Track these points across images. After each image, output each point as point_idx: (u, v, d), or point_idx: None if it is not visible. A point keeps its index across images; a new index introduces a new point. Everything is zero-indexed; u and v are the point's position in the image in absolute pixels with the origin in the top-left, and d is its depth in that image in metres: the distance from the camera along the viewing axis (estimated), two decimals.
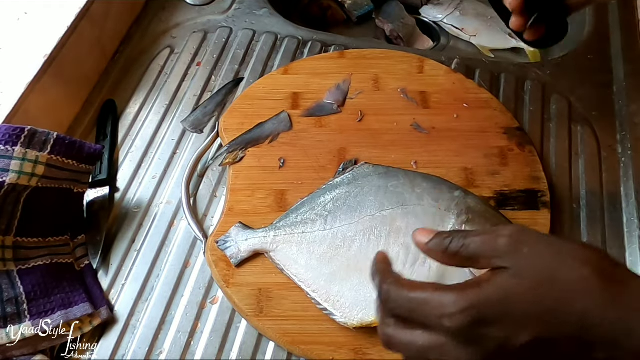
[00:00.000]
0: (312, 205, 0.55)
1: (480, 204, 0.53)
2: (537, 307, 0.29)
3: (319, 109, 0.64)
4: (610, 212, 0.59)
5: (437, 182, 0.55)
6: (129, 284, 0.54)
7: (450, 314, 0.30)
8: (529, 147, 0.61)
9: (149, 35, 0.74)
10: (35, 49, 0.59)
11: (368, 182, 0.55)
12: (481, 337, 0.30)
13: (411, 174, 0.56)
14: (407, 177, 0.55)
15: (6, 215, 0.50)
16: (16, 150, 0.49)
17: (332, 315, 0.49)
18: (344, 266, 0.51)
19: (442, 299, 0.30)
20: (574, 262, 0.30)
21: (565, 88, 0.69)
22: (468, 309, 0.30)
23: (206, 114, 0.66)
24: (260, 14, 0.76)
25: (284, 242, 0.53)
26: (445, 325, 0.30)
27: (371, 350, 0.49)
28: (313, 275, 0.51)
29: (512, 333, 0.29)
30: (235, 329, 0.52)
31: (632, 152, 0.63)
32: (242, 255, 0.53)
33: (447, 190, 0.54)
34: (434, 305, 0.31)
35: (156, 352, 0.50)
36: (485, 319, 0.30)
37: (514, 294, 0.30)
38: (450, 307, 0.30)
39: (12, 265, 0.50)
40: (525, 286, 0.30)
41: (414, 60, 0.68)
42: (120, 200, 0.59)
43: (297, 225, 0.53)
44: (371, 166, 0.57)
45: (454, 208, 0.52)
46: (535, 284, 0.30)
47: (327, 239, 0.52)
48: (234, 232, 0.54)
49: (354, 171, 0.57)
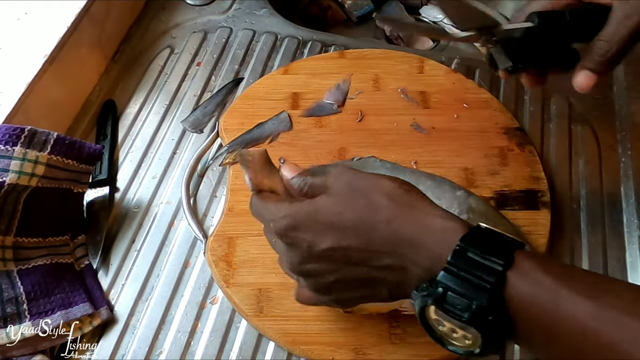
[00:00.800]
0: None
1: (482, 204, 0.53)
2: (337, 220, 0.37)
3: (319, 109, 0.64)
4: (610, 212, 0.59)
5: (441, 182, 0.55)
6: (129, 284, 0.54)
7: (274, 219, 0.39)
8: (529, 147, 0.61)
9: (149, 35, 0.74)
10: (35, 49, 0.59)
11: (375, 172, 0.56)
12: (296, 239, 0.38)
13: (417, 172, 0.57)
14: (412, 175, 0.56)
15: (6, 215, 0.50)
16: (16, 150, 0.49)
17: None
18: None
19: (274, 208, 0.40)
20: (373, 190, 0.37)
21: (565, 88, 0.69)
22: (286, 216, 0.38)
23: (206, 114, 0.66)
24: (260, 14, 0.76)
25: None
26: (271, 227, 0.39)
27: (371, 350, 0.49)
28: None
29: (316, 238, 0.37)
30: (235, 329, 0.52)
31: (632, 152, 0.63)
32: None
33: (450, 189, 0.54)
34: (269, 211, 0.40)
35: (156, 352, 0.50)
36: (296, 225, 0.38)
37: (322, 207, 0.37)
38: (275, 214, 0.39)
39: (12, 265, 0.50)
40: (331, 204, 0.37)
41: (414, 60, 0.68)
42: (120, 200, 0.59)
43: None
44: (378, 160, 0.57)
45: (455, 207, 0.52)
46: (339, 203, 0.37)
47: None
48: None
49: (362, 160, 0.57)
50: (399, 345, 0.49)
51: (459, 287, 0.32)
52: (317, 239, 0.37)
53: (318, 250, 0.37)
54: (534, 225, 0.56)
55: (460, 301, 0.32)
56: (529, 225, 0.55)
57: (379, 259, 0.37)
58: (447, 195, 0.53)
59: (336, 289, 0.40)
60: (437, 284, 0.33)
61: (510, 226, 0.53)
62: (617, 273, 0.55)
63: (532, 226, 0.56)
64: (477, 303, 0.32)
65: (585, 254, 0.56)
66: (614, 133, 0.65)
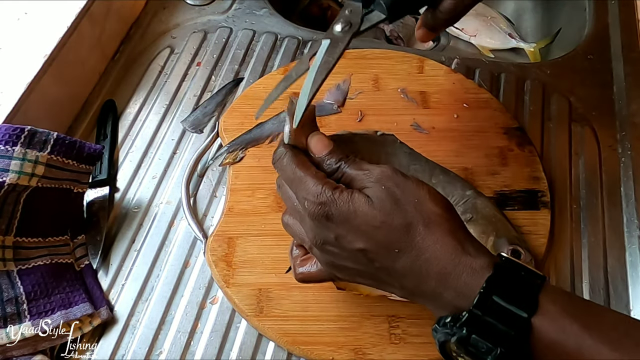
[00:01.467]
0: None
1: (488, 207, 0.53)
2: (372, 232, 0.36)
3: (319, 109, 0.64)
4: (610, 212, 0.59)
5: (453, 178, 0.55)
6: (129, 284, 0.54)
7: (310, 200, 0.38)
8: (529, 147, 0.61)
9: (149, 35, 0.74)
10: (35, 49, 0.59)
11: (395, 155, 0.55)
12: (326, 227, 0.38)
13: (432, 162, 0.57)
14: (427, 165, 0.56)
15: (6, 215, 0.50)
16: (16, 150, 0.49)
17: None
18: None
19: (312, 187, 0.38)
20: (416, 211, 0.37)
21: (565, 88, 0.69)
22: (322, 203, 0.37)
23: (206, 114, 0.66)
24: (260, 14, 0.76)
25: None
26: (304, 206, 0.38)
27: (371, 350, 0.49)
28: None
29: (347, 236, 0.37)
30: (235, 329, 0.52)
31: (632, 152, 0.63)
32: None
33: (460, 187, 0.54)
34: (304, 187, 0.38)
35: (156, 352, 0.50)
36: (332, 216, 0.37)
37: (361, 213, 0.37)
38: (311, 196, 0.38)
39: (12, 265, 0.50)
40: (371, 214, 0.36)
41: (414, 60, 0.68)
42: (120, 200, 0.59)
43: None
44: (399, 141, 0.57)
45: (461, 205, 0.52)
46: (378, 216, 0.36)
47: None
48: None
49: (384, 137, 0.56)
50: (398, 345, 0.49)
51: (483, 332, 0.33)
52: (349, 237, 0.37)
53: (346, 245, 0.37)
54: (534, 225, 0.56)
55: (484, 345, 0.33)
56: (529, 225, 0.55)
57: (401, 278, 0.37)
58: (456, 193, 0.53)
59: (349, 272, 0.40)
60: (462, 325, 0.33)
61: (514, 232, 0.53)
62: (617, 273, 0.55)
63: (532, 226, 0.56)
64: (501, 349, 0.32)
65: (585, 254, 0.56)
66: (614, 133, 0.65)
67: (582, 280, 0.55)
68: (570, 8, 0.83)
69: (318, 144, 0.41)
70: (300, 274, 0.44)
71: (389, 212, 0.36)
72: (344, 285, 0.47)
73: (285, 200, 0.42)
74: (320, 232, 0.38)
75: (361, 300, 0.51)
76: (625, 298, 0.54)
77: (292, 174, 0.39)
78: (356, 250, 0.37)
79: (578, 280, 0.55)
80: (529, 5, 0.91)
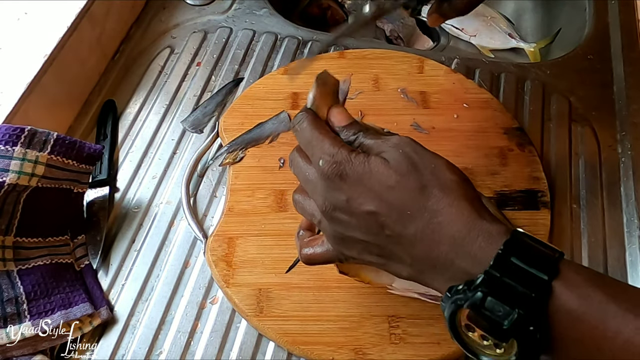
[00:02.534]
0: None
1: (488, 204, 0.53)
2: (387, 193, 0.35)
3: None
4: (610, 212, 0.59)
5: None
6: (129, 284, 0.54)
7: (324, 159, 0.37)
8: (529, 147, 0.61)
9: (149, 35, 0.74)
10: (35, 49, 0.59)
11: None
12: (338, 187, 0.37)
13: None
14: None
15: (6, 215, 0.50)
16: (16, 150, 0.49)
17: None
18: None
19: (329, 147, 0.37)
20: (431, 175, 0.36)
21: (565, 88, 0.69)
22: (338, 162, 0.36)
23: (206, 114, 0.66)
24: (260, 14, 0.76)
25: None
26: (318, 164, 0.37)
27: (371, 350, 0.49)
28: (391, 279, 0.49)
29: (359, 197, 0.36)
30: (235, 329, 0.52)
31: (632, 152, 0.63)
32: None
33: None
34: (321, 147, 0.38)
35: (156, 352, 0.50)
36: (345, 176, 0.36)
37: (376, 172, 0.36)
38: (327, 155, 0.37)
39: (12, 265, 0.50)
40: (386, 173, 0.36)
41: (414, 60, 0.68)
42: (120, 200, 0.59)
43: None
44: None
45: None
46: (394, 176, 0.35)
47: None
48: None
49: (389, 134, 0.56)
50: (398, 345, 0.49)
51: (500, 294, 0.31)
52: (361, 198, 0.36)
53: (357, 207, 0.36)
54: (534, 225, 0.56)
55: (501, 307, 0.31)
56: (529, 225, 0.56)
57: (411, 245, 0.35)
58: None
59: (357, 247, 0.39)
60: (476, 287, 0.31)
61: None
62: (617, 273, 0.55)
63: (532, 226, 0.56)
64: (519, 311, 0.30)
65: (585, 254, 0.56)
66: (614, 133, 0.65)
67: None
68: (570, 8, 0.83)
69: (339, 115, 0.40)
70: (306, 255, 0.43)
71: (405, 173, 0.35)
72: (347, 269, 0.47)
73: (297, 174, 0.41)
74: (332, 195, 0.37)
75: (361, 300, 0.51)
76: None
77: (310, 136, 0.39)
78: (367, 214, 0.36)
79: None
80: (529, 5, 0.91)
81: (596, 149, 0.64)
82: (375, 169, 0.36)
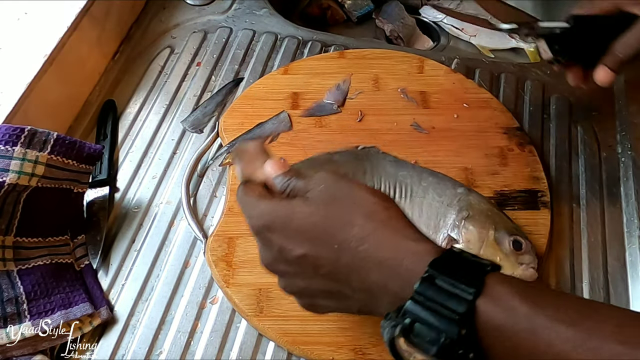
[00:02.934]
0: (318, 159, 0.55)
1: (483, 202, 0.53)
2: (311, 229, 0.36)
3: (319, 109, 0.64)
4: (610, 212, 0.59)
5: (442, 179, 0.55)
6: (129, 284, 0.54)
7: (252, 215, 0.38)
8: (529, 147, 0.61)
9: (149, 35, 0.74)
10: (35, 49, 0.59)
11: (380, 166, 0.55)
12: (269, 240, 0.38)
13: (418, 167, 0.57)
14: (414, 170, 0.56)
15: (6, 215, 0.50)
16: (16, 150, 0.49)
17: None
18: None
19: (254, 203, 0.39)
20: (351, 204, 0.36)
21: (565, 88, 0.69)
22: (262, 215, 0.38)
23: (206, 114, 0.66)
24: (260, 14, 0.76)
25: None
26: (249, 223, 0.39)
27: (371, 350, 0.49)
28: None
29: (288, 243, 0.36)
30: (235, 329, 0.52)
31: (632, 152, 0.63)
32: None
33: (451, 186, 0.54)
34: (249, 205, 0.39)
35: (156, 352, 0.50)
36: (271, 226, 0.37)
37: (298, 212, 0.36)
38: (253, 210, 0.38)
39: (12, 265, 0.50)
40: (307, 210, 0.36)
41: (414, 60, 0.68)
42: (120, 200, 0.59)
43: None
44: (381, 151, 0.57)
45: (455, 204, 0.52)
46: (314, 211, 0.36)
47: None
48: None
49: (365, 150, 0.57)
50: None
51: (426, 318, 0.31)
52: (289, 244, 0.36)
53: (288, 255, 0.37)
54: (534, 225, 0.56)
55: (428, 333, 0.30)
56: (529, 225, 0.55)
57: (347, 277, 0.35)
58: (448, 192, 0.53)
59: (305, 295, 0.40)
60: (404, 313, 0.31)
61: (511, 223, 0.53)
62: (617, 273, 0.55)
63: (532, 226, 0.56)
64: (445, 335, 0.30)
65: (585, 254, 0.56)
66: (614, 133, 0.65)
67: (582, 280, 0.55)
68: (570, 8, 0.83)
69: (271, 167, 0.40)
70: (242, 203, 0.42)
71: (326, 207, 0.36)
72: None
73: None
74: (266, 250, 0.39)
75: None
76: (625, 298, 0.54)
77: (242, 203, 0.40)
78: (299, 258, 0.36)
79: (578, 280, 0.55)
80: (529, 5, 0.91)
81: (596, 149, 0.64)
82: (298, 210, 0.36)
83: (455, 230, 0.51)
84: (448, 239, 0.51)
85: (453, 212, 0.52)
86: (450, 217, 0.52)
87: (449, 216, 0.52)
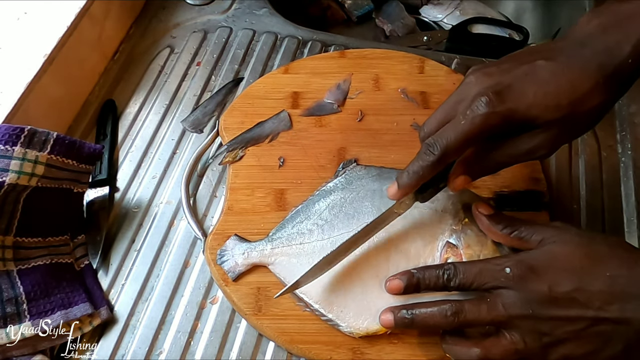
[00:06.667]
0: (307, 214, 0.54)
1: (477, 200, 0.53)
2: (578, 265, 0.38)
3: (319, 109, 0.64)
4: (610, 212, 0.59)
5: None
6: (129, 284, 0.54)
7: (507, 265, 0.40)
8: None
9: (149, 35, 0.74)
10: (35, 49, 0.59)
11: (363, 186, 0.55)
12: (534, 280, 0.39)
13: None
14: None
15: (6, 215, 0.50)
16: (16, 150, 0.49)
17: (338, 326, 0.49)
18: (346, 276, 0.50)
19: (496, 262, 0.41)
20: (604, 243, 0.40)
21: None
22: (522, 261, 0.40)
23: (206, 114, 0.66)
24: (260, 14, 0.76)
25: (282, 255, 0.52)
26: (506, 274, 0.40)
27: (369, 349, 0.49)
28: (315, 286, 0.49)
29: (558, 280, 0.38)
30: (235, 329, 0.52)
31: (632, 152, 0.63)
32: (239, 270, 0.52)
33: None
34: (492, 268, 0.41)
35: (156, 352, 0.51)
36: (536, 268, 0.39)
37: (560, 254, 0.39)
38: (506, 264, 0.40)
39: (12, 265, 0.50)
40: (569, 251, 0.39)
41: (415, 61, 0.68)
42: (120, 200, 0.59)
43: (294, 236, 0.53)
44: (363, 168, 0.57)
45: (450, 208, 0.52)
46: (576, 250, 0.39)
47: (326, 248, 0.50)
48: (230, 245, 0.53)
49: (347, 174, 0.56)
50: (397, 345, 0.49)
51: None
52: (559, 280, 0.38)
53: (561, 291, 0.38)
54: None
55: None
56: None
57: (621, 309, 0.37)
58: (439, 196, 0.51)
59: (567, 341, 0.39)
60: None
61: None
62: None
63: None
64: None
65: None
66: (614, 133, 0.65)
67: None
68: (570, 8, 0.83)
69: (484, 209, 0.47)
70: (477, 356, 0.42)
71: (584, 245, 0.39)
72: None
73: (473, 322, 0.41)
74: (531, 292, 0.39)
75: None
76: None
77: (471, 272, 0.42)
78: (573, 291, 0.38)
79: None
80: (529, 5, 0.91)
81: (596, 149, 0.64)
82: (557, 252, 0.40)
83: (453, 235, 0.50)
84: (447, 246, 0.50)
85: (449, 218, 0.51)
86: (447, 222, 0.51)
87: (445, 222, 0.51)
